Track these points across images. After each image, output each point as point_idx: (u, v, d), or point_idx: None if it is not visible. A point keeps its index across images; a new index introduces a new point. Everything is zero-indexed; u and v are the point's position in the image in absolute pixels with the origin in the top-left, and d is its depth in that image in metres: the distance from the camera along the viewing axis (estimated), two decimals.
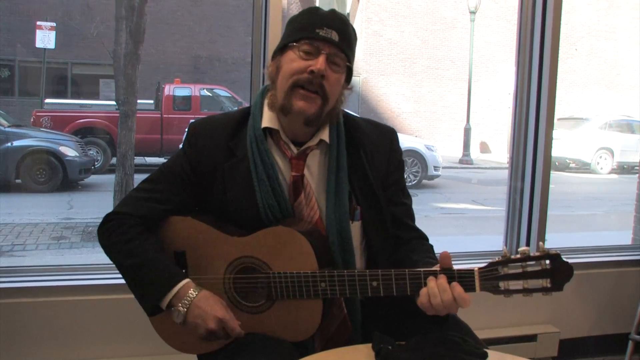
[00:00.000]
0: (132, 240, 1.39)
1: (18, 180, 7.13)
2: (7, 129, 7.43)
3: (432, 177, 9.50)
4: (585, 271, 2.86)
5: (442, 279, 1.28)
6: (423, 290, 1.29)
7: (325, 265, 1.37)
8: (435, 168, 9.39)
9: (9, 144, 7.24)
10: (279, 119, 1.45)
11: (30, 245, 5.41)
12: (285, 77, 1.40)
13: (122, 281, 1.43)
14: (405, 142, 9.14)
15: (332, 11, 1.44)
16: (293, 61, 1.39)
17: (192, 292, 1.35)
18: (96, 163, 8.26)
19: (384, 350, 1.27)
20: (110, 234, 1.42)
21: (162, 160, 8.51)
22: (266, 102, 1.48)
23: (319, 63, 1.36)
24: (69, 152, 7.26)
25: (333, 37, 1.39)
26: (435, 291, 1.27)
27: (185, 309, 1.34)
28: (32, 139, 7.47)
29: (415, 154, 9.16)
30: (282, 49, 1.44)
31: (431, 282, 1.28)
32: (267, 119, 1.45)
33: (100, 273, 2.35)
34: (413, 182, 9.11)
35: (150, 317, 1.43)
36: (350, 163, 1.47)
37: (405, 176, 1.60)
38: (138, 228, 1.41)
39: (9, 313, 2.18)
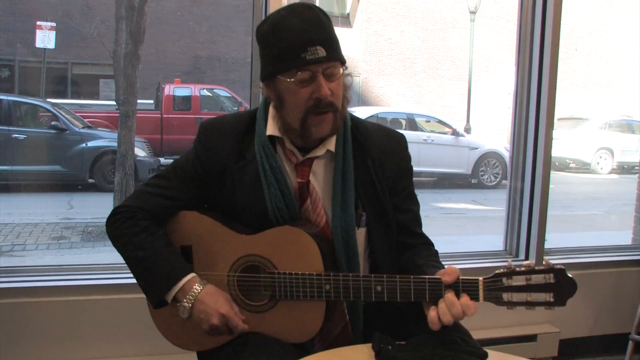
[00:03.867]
0: (139, 233, 1.40)
1: (91, 180, 7.26)
2: (81, 130, 7.61)
3: None
4: (585, 271, 2.86)
5: (450, 293, 1.28)
6: (432, 313, 1.28)
7: (331, 269, 1.37)
8: None
9: (84, 145, 7.40)
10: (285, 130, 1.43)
11: (30, 245, 5.41)
12: (292, 109, 1.37)
13: (122, 281, 1.44)
14: (486, 144, 10.06)
15: (304, 20, 1.33)
16: (295, 93, 1.35)
17: (197, 287, 1.36)
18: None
19: (384, 350, 1.27)
20: (119, 225, 1.43)
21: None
22: (270, 112, 1.45)
23: (322, 89, 1.33)
24: (140, 152, 7.29)
25: (320, 54, 1.32)
26: (445, 311, 1.27)
27: (190, 305, 1.35)
28: (104, 140, 7.56)
29: (496, 155, 9.76)
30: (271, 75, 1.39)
31: (441, 303, 1.28)
32: (271, 128, 1.44)
33: (100, 273, 2.35)
34: (493, 182, 9.64)
35: (155, 309, 1.44)
36: (356, 169, 1.45)
37: (414, 180, 1.57)
38: (146, 221, 1.42)
39: (9, 313, 2.18)
